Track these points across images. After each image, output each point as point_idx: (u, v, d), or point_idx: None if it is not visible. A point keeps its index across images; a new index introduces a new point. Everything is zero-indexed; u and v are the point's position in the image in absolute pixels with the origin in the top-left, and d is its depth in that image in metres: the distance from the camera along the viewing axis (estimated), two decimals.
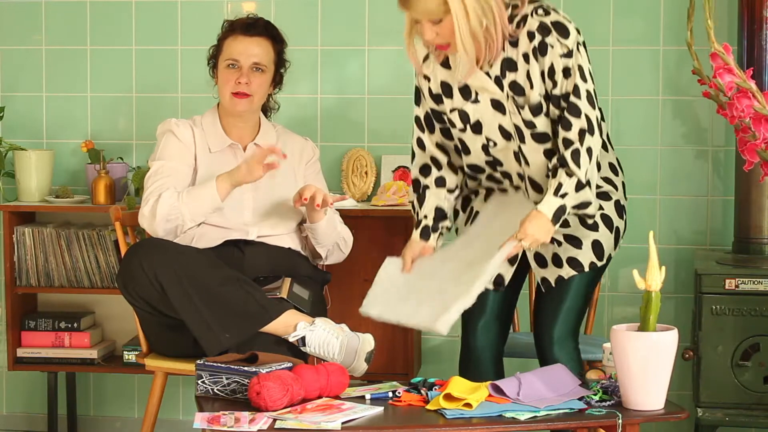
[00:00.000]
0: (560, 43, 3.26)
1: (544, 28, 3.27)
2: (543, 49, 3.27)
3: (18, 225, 4.43)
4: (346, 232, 3.84)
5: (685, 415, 2.99)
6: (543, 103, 3.31)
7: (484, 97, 3.37)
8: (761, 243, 4.13)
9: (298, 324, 3.43)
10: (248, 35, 3.74)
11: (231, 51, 3.74)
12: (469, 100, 3.39)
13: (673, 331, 2.98)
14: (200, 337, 3.41)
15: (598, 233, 3.41)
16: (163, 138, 3.76)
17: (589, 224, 3.42)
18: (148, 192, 3.66)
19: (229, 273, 3.48)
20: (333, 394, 3.09)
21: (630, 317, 4.32)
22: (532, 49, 3.28)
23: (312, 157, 3.90)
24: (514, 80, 3.32)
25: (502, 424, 2.91)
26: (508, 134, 3.38)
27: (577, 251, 3.40)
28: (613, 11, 4.42)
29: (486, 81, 3.35)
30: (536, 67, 3.29)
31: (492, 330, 3.49)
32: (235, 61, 3.73)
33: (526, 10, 3.31)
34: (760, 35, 4.07)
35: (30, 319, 4.48)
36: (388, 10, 4.53)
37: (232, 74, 3.72)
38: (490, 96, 3.36)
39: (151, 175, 3.70)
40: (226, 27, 3.80)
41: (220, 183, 3.59)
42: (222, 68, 3.76)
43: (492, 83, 3.35)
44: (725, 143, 4.39)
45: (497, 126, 3.38)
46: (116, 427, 4.74)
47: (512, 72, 3.32)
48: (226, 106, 3.77)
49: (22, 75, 4.70)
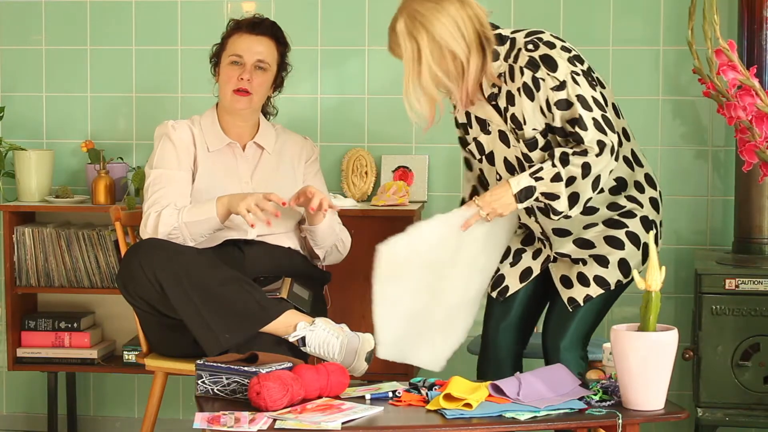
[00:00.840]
0: (550, 77, 3.23)
1: (533, 64, 3.26)
2: (536, 85, 3.26)
3: (18, 225, 4.43)
4: (345, 233, 3.84)
5: (685, 415, 2.99)
6: (538, 137, 3.31)
7: (493, 127, 3.39)
8: (761, 243, 4.13)
9: (298, 324, 3.43)
10: (254, 33, 3.75)
11: (235, 47, 3.74)
12: (484, 130, 3.43)
13: (673, 331, 2.97)
14: (200, 337, 3.41)
15: (624, 251, 3.38)
16: (159, 144, 3.74)
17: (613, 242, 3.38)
18: (147, 204, 3.66)
19: (229, 273, 3.48)
20: (333, 394, 3.09)
21: (630, 317, 4.32)
22: (523, 84, 3.27)
23: (311, 156, 3.90)
24: (514, 113, 3.33)
25: (502, 424, 2.91)
26: (512, 167, 3.39)
27: (603, 270, 3.38)
28: (613, 11, 4.42)
29: (491, 112, 3.37)
30: (528, 103, 3.28)
31: (513, 333, 3.51)
32: (239, 57, 3.72)
33: (519, 43, 3.30)
34: (760, 35, 4.07)
35: (30, 319, 4.48)
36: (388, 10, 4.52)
37: (235, 71, 3.72)
38: (498, 127, 3.38)
39: (149, 185, 3.70)
40: (232, 25, 3.80)
41: (220, 207, 3.57)
42: (225, 65, 3.76)
43: (496, 114, 3.37)
44: (725, 143, 4.39)
45: (503, 158, 3.40)
46: (116, 427, 4.74)
47: (512, 106, 3.33)
48: (226, 104, 3.76)
49: (22, 75, 4.70)
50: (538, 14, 4.43)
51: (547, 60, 3.25)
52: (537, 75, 3.24)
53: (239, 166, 3.76)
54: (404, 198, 4.33)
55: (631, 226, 3.39)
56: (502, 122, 3.36)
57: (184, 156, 3.73)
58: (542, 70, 3.24)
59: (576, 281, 3.41)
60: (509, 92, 3.32)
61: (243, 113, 3.76)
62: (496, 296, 3.52)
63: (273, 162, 3.80)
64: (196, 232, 3.58)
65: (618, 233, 3.38)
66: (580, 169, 3.22)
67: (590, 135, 3.21)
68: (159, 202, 3.63)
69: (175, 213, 3.59)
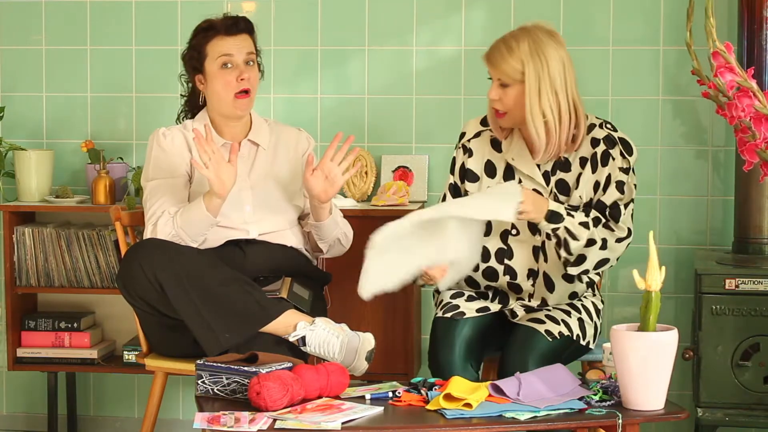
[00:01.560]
0: (622, 158, 3.44)
1: (611, 140, 3.45)
2: (605, 160, 3.43)
3: (18, 225, 4.44)
4: (347, 226, 3.83)
5: (685, 415, 2.99)
6: (581, 208, 3.47)
7: (527, 184, 3.48)
8: (761, 243, 4.13)
9: (298, 324, 3.43)
10: (232, 35, 3.69)
11: (221, 49, 3.68)
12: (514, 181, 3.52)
13: (673, 331, 2.97)
14: (200, 337, 3.41)
15: (581, 315, 3.54)
16: (151, 154, 3.73)
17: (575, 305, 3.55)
18: (146, 217, 3.67)
19: (229, 273, 3.48)
20: (333, 394, 3.09)
21: (630, 317, 4.32)
22: (592, 155, 3.44)
23: (308, 149, 3.88)
24: (563, 179, 3.46)
25: (502, 424, 2.91)
26: (536, 228, 3.47)
27: (567, 318, 3.51)
28: (613, 11, 4.42)
29: (535, 171, 3.49)
30: (589, 174, 3.44)
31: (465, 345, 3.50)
32: (229, 57, 3.69)
33: (593, 120, 3.48)
34: (760, 35, 4.07)
35: (30, 319, 4.48)
36: (388, 10, 4.54)
37: (231, 73, 3.68)
38: (533, 186, 3.47)
39: (146, 198, 3.70)
40: (205, 31, 3.71)
41: (207, 201, 3.56)
42: (214, 71, 3.69)
43: (540, 174, 3.48)
44: (725, 143, 4.39)
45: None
46: (116, 427, 4.74)
47: (564, 172, 3.46)
48: (226, 110, 3.72)
49: (22, 75, 4.70)
50: (539, 14, 4.42)
51: (625, 143, 3.46)
52: (611, 151, 3.43)
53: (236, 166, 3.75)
54: (404, 198, 4.34)
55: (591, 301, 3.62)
56: (543, 183, 3.48)
57: (178, 162, 3.71)
58: (617, 149, 3.44)
59: (546, 318, 3.49)
60: (564, 159, 3.46)
61: (244, 116, 3.75)
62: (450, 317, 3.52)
63: (269, 157, 3.80)
64: (194, 232, 3.58)
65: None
66: (600, 240, 3.41)
67: (626, 221, 3.46)
68: (156, 214, 3.63)
69: (170, 220, 3.59)
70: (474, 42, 4.44)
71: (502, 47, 3.42)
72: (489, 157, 3.55)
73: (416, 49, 4.51)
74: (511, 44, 3.40)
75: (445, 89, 4.49)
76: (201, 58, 3.72)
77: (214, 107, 3.76)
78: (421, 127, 4.52)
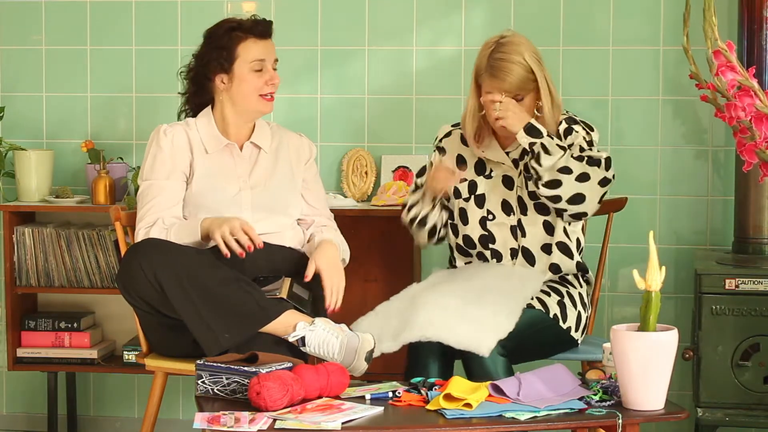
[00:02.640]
0: (585, 131, 3.66)
1: (572, 120, 3.68)
2: (568, 133, 3.65)
3: (18, 225, 4.44)
4: (345, 245, 3.84)
5: (685, 415, 2.99)
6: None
7: (497, 173, 3.68)
8: (761, 243, 4.13)
9: (297, 324, 3.43)
10: (264, 38, 3.72)
11: (254, 53, 3.69)
12: (482, 174, 3.73)
13: (673, 331, 2.98)
14: (200, 337, 3.41)
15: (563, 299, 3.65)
16: (149, 152, 3.73)
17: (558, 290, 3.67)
18: (138, 216, 3.67)
19: (229, 273, 3.48)
20: (333, 394, 3.09)
21: (630, 317, 4.32)
22: (555, 133, 3.61)
23: (309, 158, 3.89)
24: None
25: (502, 424, 2.91)
26: (510, 208, 3.68)
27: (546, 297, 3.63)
28: (613, 11, 4.42)
29: (504, 157, 3.70)
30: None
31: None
32: (263, 62, 3.70)
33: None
34: (760, 35, 4.07)
35: (30, 319, 4.48)
36: (388, 10, 4.54)
37: (261, 77, 3.69)
38: (504, 172, 3.67)
39: (139, 196, 3.71)
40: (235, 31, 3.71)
41: (202, 230, 3.56)
42: (245, 73, 3.69)
43: (509, 160, 3.70)
44: (725, 143, 4.39)
45: (500, 200, 3.67)
46: (116, 427, 4.74)
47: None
48: (251, 109, 3.73)
49: (22, 75, 4.70)
50: (538, 14, 4.43)
51: (586, 123, 3.70)
52: (574, 127, 3.64)
53: (237, 167, 3.76)
54: (404, 198, 4.33)
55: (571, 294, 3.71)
56: (512, 167, 3.67)
57: (177, 161, 3.71)
58: (579, 125, 3.66)
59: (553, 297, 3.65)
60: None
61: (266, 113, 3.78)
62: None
63: (270, 161, 3.80)
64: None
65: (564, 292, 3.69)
66: (579, 173, 3.54)
67: (603, 154, 3.60)
68: (147, 217, 3.63)
69: (163, 232, 3.59)
70: (474, 42, 4.44)
71: (506, 65, 3.57)
72: (459, 151, 3.77)
73: (416, 49, 4.51)
74: (513, 58, 3.56)
75: (445, 89, 4.49)
76: (231, 59, 3.70)
77: (236, 106, 3.74)
78: (421, 127, 4.52)
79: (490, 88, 3.58)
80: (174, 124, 3.78)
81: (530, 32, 4.39)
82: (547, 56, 3.68)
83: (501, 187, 3.69)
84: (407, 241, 4.10)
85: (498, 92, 3.57)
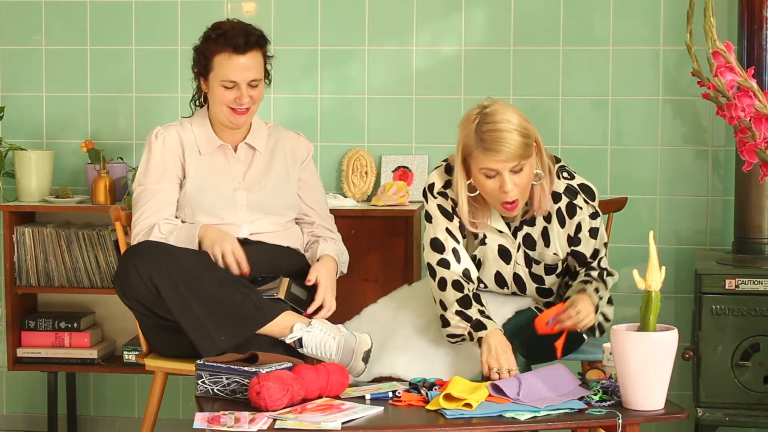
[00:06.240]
0: (588, 205, 3.40)
1: (572, 191, 3.39)
2: (571, 211, 3.39)
3: (18, 225, 4.43)
4: (345, 253, 3.84)
5: (685, 415, 2.99)
6: (560, 265, 3.44)
7: (492, 239, 3.43)
8: (761, 243, 4.13)
9: (294, 325, 3.43)
10: (243, 54, 3.64)
11: (226, 72, 3.63)
12: (476, 239, 3.45)
13: (673, 331, 2.98)
14: (196, 339, 3.41)
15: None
16: (143, 156, 3.73)
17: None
18: (133, 220, 3.67)
19: (225, 275, 3.48)
20: (333, 394, 3.09)
21: (630, 317, 4.32)
22: (557, 210, 3.39)
23: (306, 158, 3.87)
24: (529, 233, 3.42)
25: (502, 424, 2.91)
26: (503, 283, 3.49)
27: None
28: (613, 11, 4.42)
29: (503, 227, 3.41)
30: (559, 229, 3.40)
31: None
32: (233, 83, 3.65)
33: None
34: (760, 35, 4.07)
35: (30, 319, 4.48)
36: (388, 10, 4.54)
37: (230, 93, 3.65)
38: (499, 242, 3.42)
39: (134, 201, 3.71)
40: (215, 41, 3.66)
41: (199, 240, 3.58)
42: (216, 85, 3.67)
43: (508, 229, 3.42)
44: (725, 143, 4.39)
45: (494, 273, 3.47)
46: (116, 427, 4.74)
47: (529, 227, 3.42)
48: (222, 120, 3.71)
49: (22, 75, 4.70)
50: (538, 14, 4.43)
51: (586, 189, 3.41)
52: (575, 202, 3.38)
53: (231, 168, 3.75)
54: (404, 198, 4.33)
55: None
56: (512, 238, 3.42)
57: (168, 164, 3.70)
58: (580, 198, 3.39)
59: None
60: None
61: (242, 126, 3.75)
62: None
63: (265, 162, 3.79)
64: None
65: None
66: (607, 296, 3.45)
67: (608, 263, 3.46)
68: (141, 222, 3.64)
69: (162, 238, 3.59)
70: (474, 42, 4.44)
71: (500, 134, 3.21)
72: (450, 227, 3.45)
73: (416, 49, 4.51)
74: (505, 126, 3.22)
75: (445, 89, 4.49)
76: (207, 66, 3.69)
77: (215, 116, 3.75)
78: (421, 127, 4.52)
79: (487, 164, 3.23)
80: (168, 125, 3.77)
81: (530, 32, 4.41)
82: (547, 56, 3.67)
83: (497, 259, 3.44)
84: (407, 241, 4.11)
85: (497, 165, 3.23)
